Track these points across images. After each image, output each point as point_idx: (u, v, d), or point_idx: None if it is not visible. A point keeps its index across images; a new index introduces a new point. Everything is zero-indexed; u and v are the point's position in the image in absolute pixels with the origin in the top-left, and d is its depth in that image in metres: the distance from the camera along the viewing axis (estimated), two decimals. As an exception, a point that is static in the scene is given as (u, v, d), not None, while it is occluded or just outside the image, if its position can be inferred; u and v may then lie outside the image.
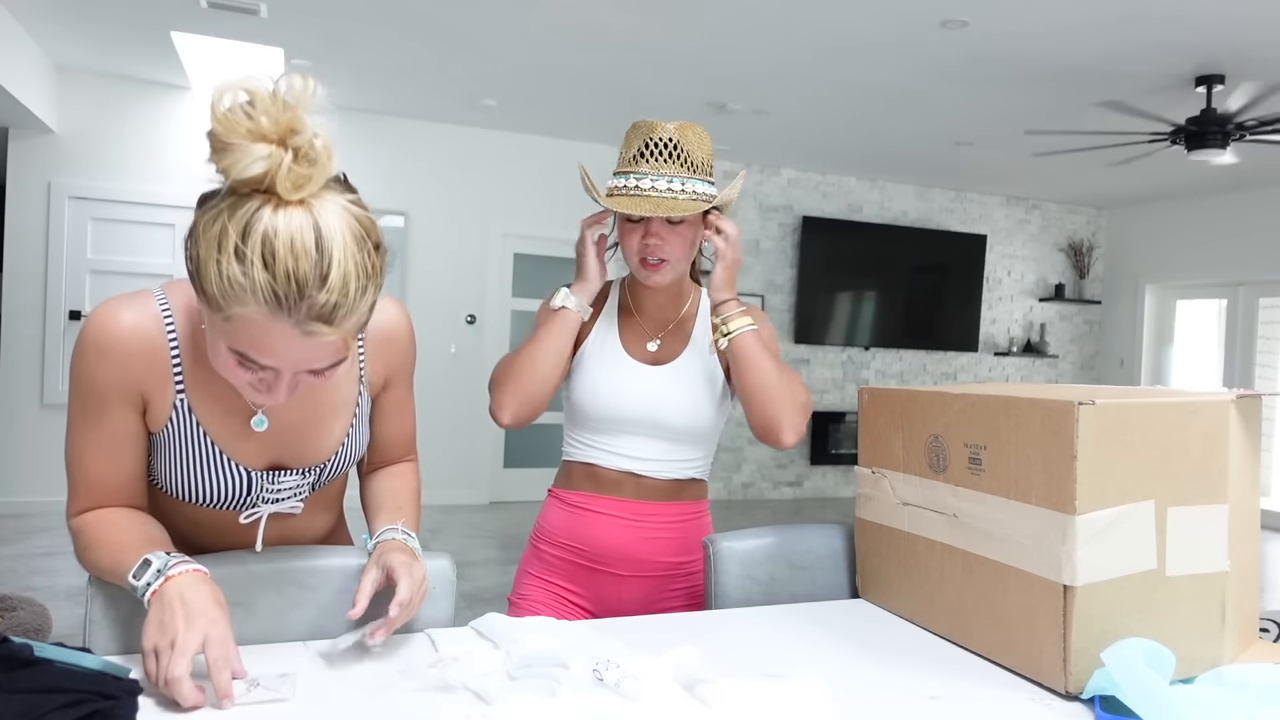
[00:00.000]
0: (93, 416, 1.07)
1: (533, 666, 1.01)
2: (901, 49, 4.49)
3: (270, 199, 0.89)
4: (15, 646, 0.82)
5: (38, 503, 5.60)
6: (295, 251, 0.88)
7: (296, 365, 0.96)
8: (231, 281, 0.88)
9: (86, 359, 1.05)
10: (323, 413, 1.17)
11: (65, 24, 4.74)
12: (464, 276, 6.63)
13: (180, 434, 1.10)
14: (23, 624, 2.07)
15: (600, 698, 0.92)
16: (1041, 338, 8.41)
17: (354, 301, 0.93)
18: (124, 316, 1.05)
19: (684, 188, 1.47)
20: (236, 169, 0.87)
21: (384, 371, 1.24)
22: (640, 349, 1.60)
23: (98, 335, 1.04)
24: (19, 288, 5.63)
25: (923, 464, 1.26)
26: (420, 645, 1.13)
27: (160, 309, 1.07)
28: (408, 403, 1.32)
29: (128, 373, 1.05)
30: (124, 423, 1.08)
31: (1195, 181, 7.15)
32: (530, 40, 4.62)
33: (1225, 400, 1.11)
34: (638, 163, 1.48)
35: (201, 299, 0.93)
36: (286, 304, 0.89)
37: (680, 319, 1.63)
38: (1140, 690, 0.94)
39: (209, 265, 0.89)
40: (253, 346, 0.93)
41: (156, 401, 1.08)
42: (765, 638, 1.23)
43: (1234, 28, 3.99)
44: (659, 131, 1.49)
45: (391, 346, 1.23)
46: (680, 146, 1.48)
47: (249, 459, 1.14)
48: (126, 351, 1.05)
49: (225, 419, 1.11)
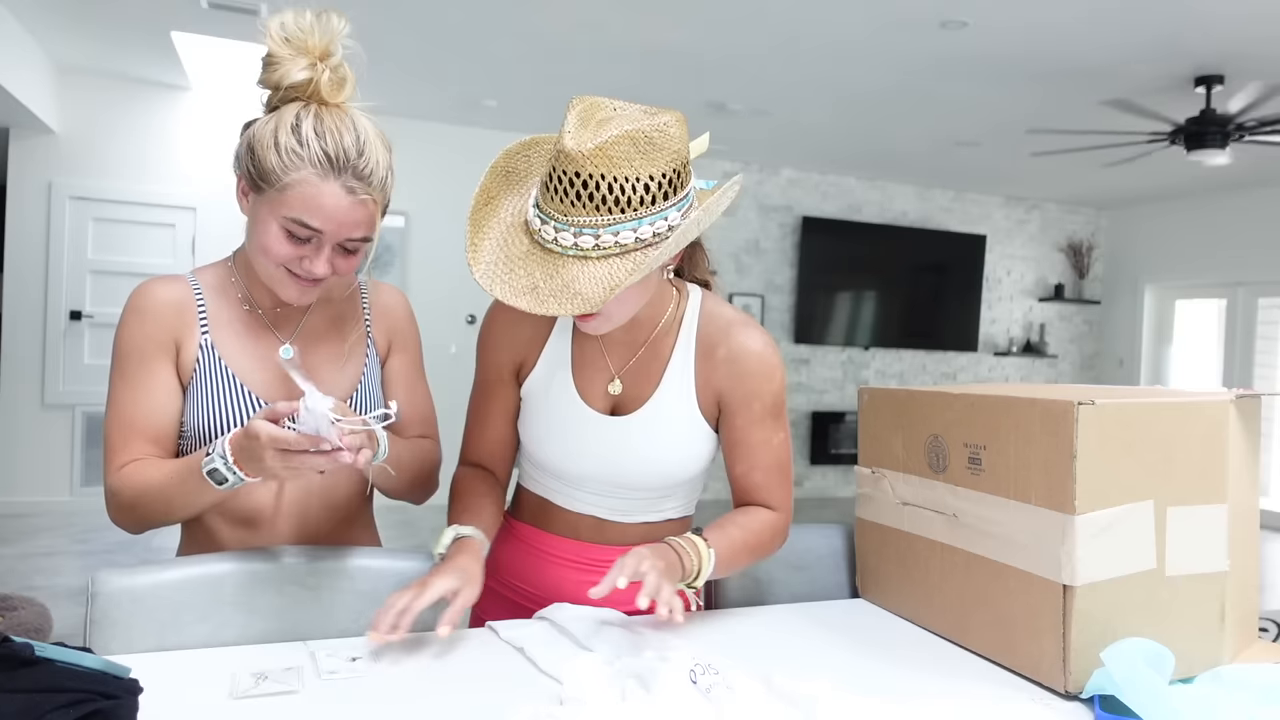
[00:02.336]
0: (132, 374, 1.20)
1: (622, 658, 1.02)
2: (901, 49, 4.49)
3: (311, 104, 1.14)
4: (16, 646, 0.82)
5: (38, 503, 5.60)
6: (340, 130, 1.14)
7: (339, 230, 1.14)
8: (291, 151, 1.11)
9: (127, 322, 1.21)
10: (333, 354, 1.29)
11: (65, 24, 4.74)
12: (464, 276, 6.58)
13: (206, 372, 1.22)
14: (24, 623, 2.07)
15: (682, 701, 0.92)
16: (1041, 338, 8.42)
17: (385, 174, 1.19)
18: (155, 283, 1.24)
19: (598, 240, 1.02)
20: (288, 77, 1.12)
21: (386, 334, 1.36)
22: (598, 390, 1.24)
23: (136, 300, 1.22)
24: (19, 288, 5.63)
25: (922, 464, 1.26)
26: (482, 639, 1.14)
27: (187, 277, 1.27)
28: (418, 381, 1.39)
29: (161, 324, 1.21)
30: (160, 375, 1.21)
31: (1195, 181, 7.15)
32: (530, 40, 4.62)
33: (1225, 400, 1.11)
34: (546, 195, 1.05)
35: (256, 183, 1.14)
36: (336, 165, 1.12)
37: (653, 340, 1.25)
38: (1140, 690, 0.94)
39: (268, 144, 1.12)
40: (305, 209, 1.12)
41: (187, 344, 1.22)
42: (765, 638, 1.23)
43: (1234, 28, 3.99)
44: (563, 162, 1.02)
45: (391, 313, 1.37)
46: (597, 179, 1.01)
47: (271, 395, 1.23)
48: (159, 303, 1.21)
49: (246, 355, 1.24)
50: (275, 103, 1.16)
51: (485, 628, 1.20)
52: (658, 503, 1.30)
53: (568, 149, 1.02)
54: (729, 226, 7.36)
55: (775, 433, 1.27)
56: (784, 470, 1.28)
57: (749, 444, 1.26)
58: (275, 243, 1.14)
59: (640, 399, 1.24)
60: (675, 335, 1.25)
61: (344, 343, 1.31)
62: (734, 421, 1.25)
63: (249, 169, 1.15)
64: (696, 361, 1.24)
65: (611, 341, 1.25)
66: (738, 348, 1.24)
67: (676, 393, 1.24)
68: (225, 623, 1.14)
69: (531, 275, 1.04)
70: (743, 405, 1.24)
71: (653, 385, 1.24)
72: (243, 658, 1.07)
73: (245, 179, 1.16)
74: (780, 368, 1.26)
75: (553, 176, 1.04)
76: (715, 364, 1.24)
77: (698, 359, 1.24)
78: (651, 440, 1.24)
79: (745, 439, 1.26)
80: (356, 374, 1.30)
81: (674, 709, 0.91)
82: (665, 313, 1.25)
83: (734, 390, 1.24)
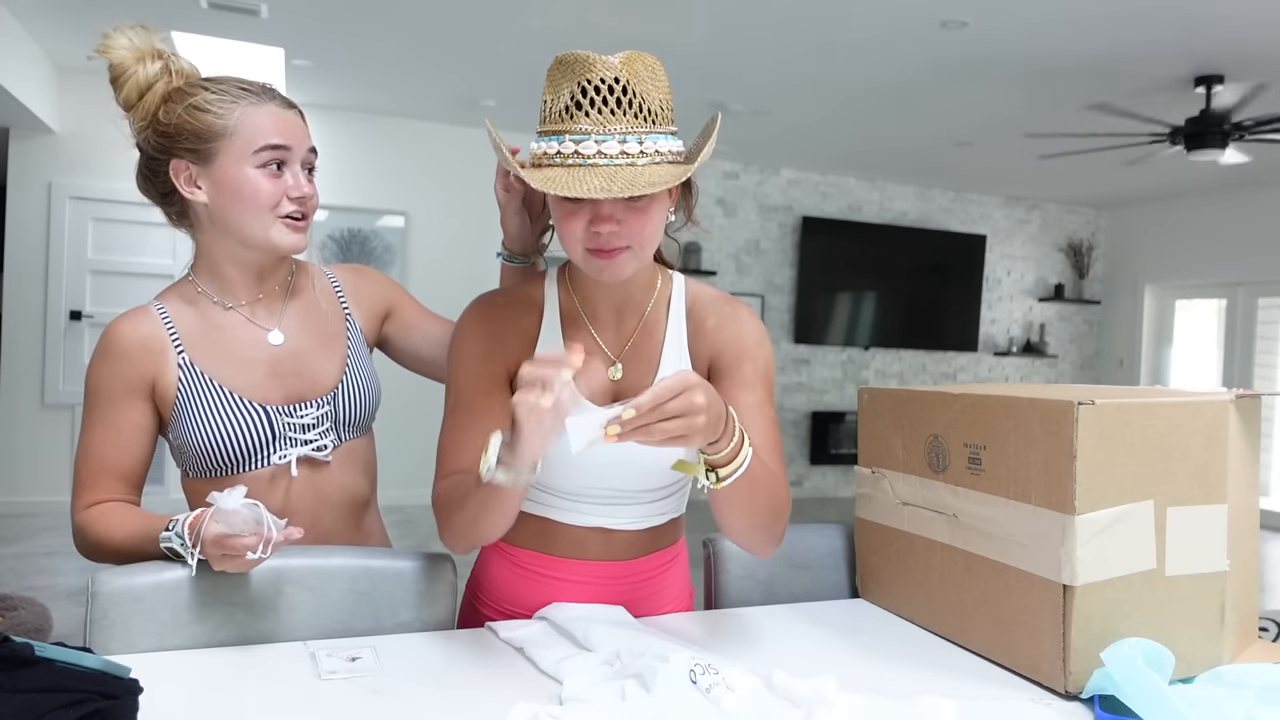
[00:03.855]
0: (102, 414, 1.20)
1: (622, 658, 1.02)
2: (901, 49, 4.49)
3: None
4: (16, 646, 0.82)
5: (39, 503, 5.60)
6: (220, 76, 1.23)
7: (299, 141, 1.22)
8: (216, 103, 1.18)
9: (95, 365, 1.21)
10: (318, 337, 1.31)
11: (65, 24, 4.74)
12: (464, 276, 6.62)
13: (192, 390, 1.22)
14: (24, 623, 2.06)
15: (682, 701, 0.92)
16: (1041, 338, 8.42)
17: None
18: (121, 322, 1.23)
19: (642, 148, 1.05)
20: (145, 74, 1.21)
21: (370, 310, 1.39)
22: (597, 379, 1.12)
23: (104, 342, 1.21)
24: (19, 288, 5.63)
25: (922, 464, 1.26)
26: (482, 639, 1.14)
27: (154, 305, 1.26)
28: (428, 313, 1.44)
29: (131, 364, 1.20)
30: (131, 415, 1.21)
31: (1195, 181, 7.15)
32: (530, 41, 4.62)
33: (1225, 400, 1.11)
34: (573, 116, 1.05)
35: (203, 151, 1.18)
36: (255, 90, 1.21)
37: (644, 323, 1.22)
38: (1140, 690, 0.94)
39: (189, 113, 1.18)
40: (265, 132, 1.19)
41: (164, 374, 1.22)
42: (765, 638, 1.23)
43: (1234, 28, 3.99)
44: (599, 69, 1.05)
45: (366, 289, 1.40)
46: (632, 88, 1.05)
47: (261, 394, 1.25)
48: (126, 344, 1.20)
49: (229, 360, 1.25)
50: (146, 117, 1.22)
51: (485, 628, 1.20)
52: (659, 503, 1.27)
53: (599, 58, 1.05)
54: (729, 226, 7.36)
55: (766, 403, 1.21)
56: (778, 445, 1.20)
57: (742, 409, 1.17)
58: (258, 186, 1.19)
59: (642, 384, 1.19)
60: (665, 315, 1.24)
61: (326, 329, 1.32)
62: (724, 385, 1.20)
63: (185, 145, 1.19)
64: (689, 336, 1.24)
65: (604, 329, 1.22)
66: (728, 315, 1.24)
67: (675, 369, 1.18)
68: (225, 623, 1.14)
69: (585, 183, 1.02)
70: (734, 366, 1.22)
71: (652, 368, 1.21)
72: (243, 658, 1.07)
73: (187, 158, 1.20)
74: (767, 339, 1.26)
75: (584, 93, 1.04)
76: (706, 333, 1.24)
77: (690, 334, 1.24)
78: None
79: (739, 403, 1.18)
80: (342, 360, 1.32)
81: (674, 709, 0.91)
82: (653, 295, 1.24)
83: (725, 352, 1.22)
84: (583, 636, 1.10)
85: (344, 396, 1.30)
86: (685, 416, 0.93)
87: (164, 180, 1.23)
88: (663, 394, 0.92)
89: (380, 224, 6.44)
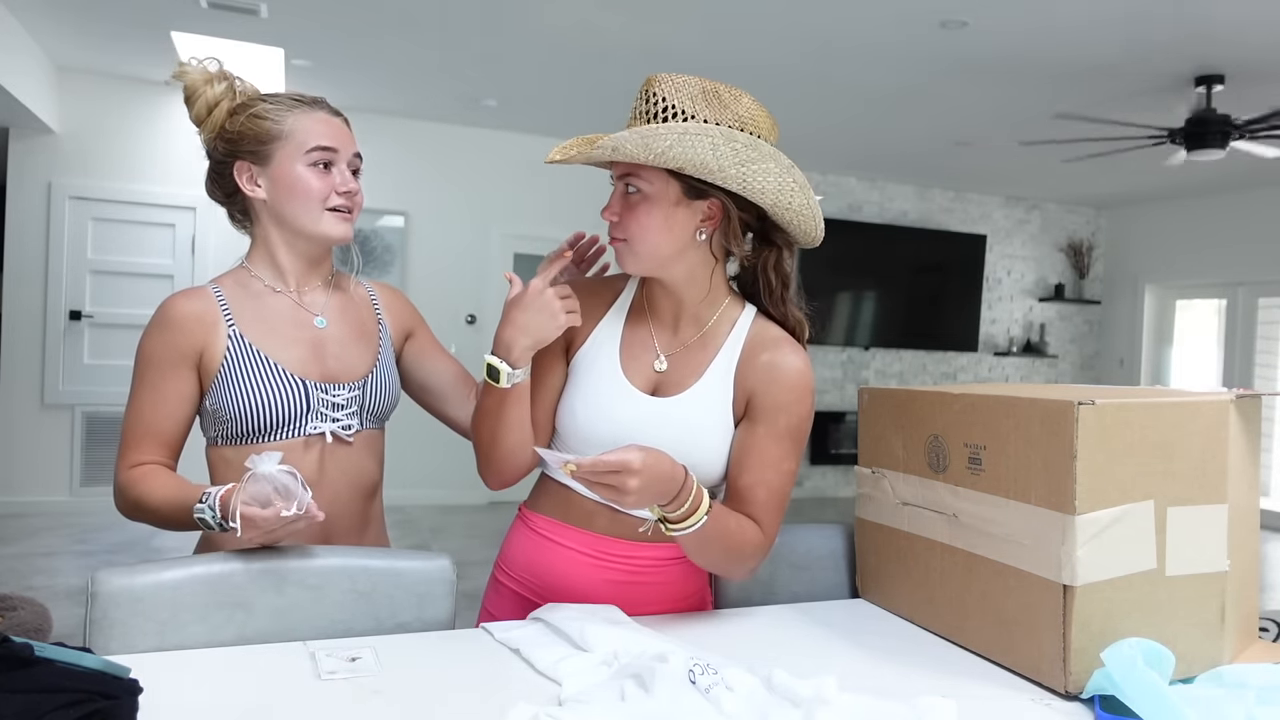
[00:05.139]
0: (151, 381, 1.30)
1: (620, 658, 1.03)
2: (901, 49, 4.49)
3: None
4: (16, 646, 0.82)
5: (38, 502, 5.60)
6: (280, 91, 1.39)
7: (346, 145, 1.37)
8: (272, 112, 1.34)
9: (149, 335, 1.31)
10: (355, 330, 1.43)
11: (65, 24, 4.74)
12: (464, 276, 6.63)
13: (238, 359, 1.32)
14: (23, 624, 2.07)
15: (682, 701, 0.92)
16: (1041, 338, 8.41)
17: None
18: (177, 297, 1.34)
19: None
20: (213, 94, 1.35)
21: (399, 326, 1.51)
22: (643, 368, 1.28)
23: (160, 314, 1.32)
24: (19, 288, 5.63)
25: (922, 464, 1.26)
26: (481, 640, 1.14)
27: (209, 286, 1.38)
28: (442, 348, 1.57)
29: (183, 335, 1.30)
30: (178, 384, 1.30)
31: (1195, 181, 7.14)
32: (530, 41, 4.62)
33: (1225, 400, 1.11)
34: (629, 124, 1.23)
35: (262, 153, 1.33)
36: (306, 102, 1.36)
37: (703, 335, 1.29)
38: (1140, 690, 0.94)
39: (250, 121, 1.34)
40: (317, 135, 1.34)
41: (213, 344, 1.32)
42: (765, 638, 1.23)
43: (1234, 28, 3.99)
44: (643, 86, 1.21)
45: (399, 307, 1.53)
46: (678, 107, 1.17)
47: (302, 369, 1.35)
48: (182, 316, 1.31)
49: (276, 336, 1.36)
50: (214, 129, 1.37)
51: (480, 629, 1.20)
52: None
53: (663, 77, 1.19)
54: (729, 226, 7.35)
55: (789, 458, 1.24)
56: (784, 499, 1.25)
57: (763, 458, 1.22)
58: (309, 182, 1.33)
59: (682, 385, 1.27)
60: (725, 336, 1.29)
61: (362, 325, 1.45)
62: (755, 429, 1.24)
63: (247, 148, 1.34)
64: (740, 363, 1.27)
65: (661, 326, 1.31)
66: (781, 359, 1.26)
67: (717, 387, 1.26)
68: (225, 623, 1.14)
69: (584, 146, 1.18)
70: (769, 414, 1.23)
71: (695, 375, 1.27)
72: (243, 658, 1.07)
73: (248, 159, 1.34)
74: (812, 393, 1.27)
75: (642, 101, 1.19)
76: (755, 367, 1.25)
77: (741, 361, 1.27)
78: (687, 425, 1.24)
79: (761, 451, 1.23)
80: (373, 355, 1.43)
81: (673, 709, 0.91)
82: (717, 313, 1.30)
83: (765, 395, 1.24)
84: (579, 637, 1.10)
85: (373, 386, 1.40)
86: (613, 489, 1.04)
87: (229, 181, 1.38)
88: (599, 465, 1.03)
89: (380, 224, 6.44)
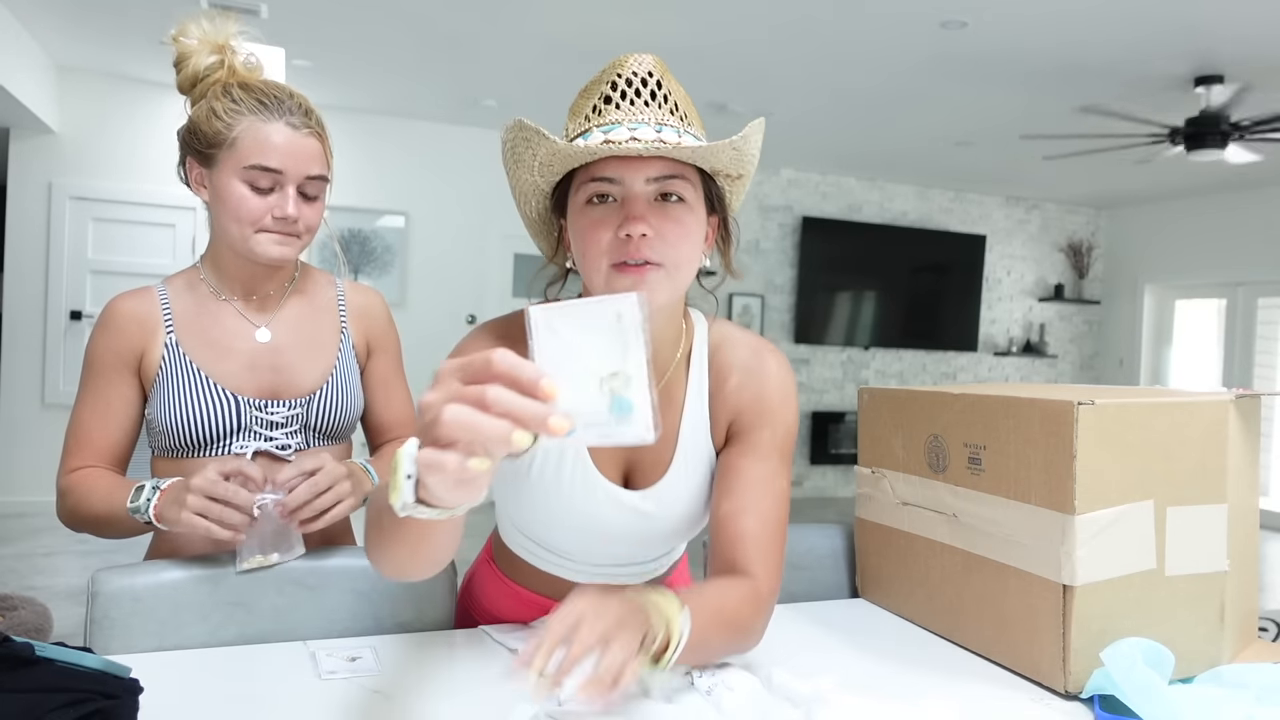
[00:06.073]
0: (93, 386, 1.26)
1: None
2: (901, 49, 4.49)
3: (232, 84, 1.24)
4: (16, 646, 0.82)
5: (39, 502, 5.59)
6: (264, 85, 1.24)
7: (296, 166, 1.22)
8: (228, 110, 1.20)
9: (94, 335, 1.27)
10: (307, 342, 1.33)
11: (65, 24, 4.74)
12: (464, 276, 6.63)
13: (172, 370, 1.26)
14: (24, 623, 2.06)
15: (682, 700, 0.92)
16: (1041, 338, 8.42)
17: (317, 113, 1.27)
18: (120, 298, 1.29)
19: (680, 140, 0.97)
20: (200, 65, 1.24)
21: (364, 336, 1.40)
22: (612, 450, 1.07)
23: (102, 316, 1.27)
24: (19, 288, 5.63)
25: (922, 464, 1.26)
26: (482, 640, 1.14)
27: (156, 286, 1.31)
28: (396, 384, 1.43)
29: (122, 337, 1.25)
30: (120, 388, 1.26)
31: (1194, 181, 7.15)
32: (530, 41, 4.62)
33: (1224, 400, 1.11)
34: (602, 113, 0.98)
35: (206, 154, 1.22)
36: (272, 107, 1.21)
37: (664, 387, 1.09)
38: (1139, 690, 0.94)
39: (207, 116, 1.21)
40: (260, 152, 1.20)
41: (151, 350, 1.27)
42: (765, 638, 1.23)
43: (1234, 28, 3.99)
44: (630, 64, 0.99)
45: (369, 315, 1.41)
46: (666, 85, 0.99)
47: (237, 384, 1.28)
48: (121, 318, 1.26)
49: (214, 348, 1.28)
50: (198, 98, 1.26)
51: (480, 629, 1.20)
52: (663, 558, 1.23)
53: (631, 55, 1.00)
54: (729, 226, 7.36)
55: (778, 476, 1.09)
56: (780, 527, 1.07)
57: (746, 478, 1.07)
58: (243, 201, 1.21)
59: (660, 462, 1.09)
60: (685, 376, 1.11)
61: (317, 337, 1.35)
62: (738, 450, 1.09)
63: (196, 146, 1.24)
64: (710, 395, 1.12)
65: None
66: (752, 372, 1.12)
67: (696, 445, 1.11)
68: (225, 623, 1.15)
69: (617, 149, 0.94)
70: (750, 432, 1.10)
71: (670, 445, 1.09)
72: (243, 657, 1.07)
73: (195, 158, 1.25)
74: (793, 397, 1.13)
75: (614, 87, 0.98)
76: (727, 395, 1.12)
77: (711, 392, 1.12)
78: (678, 507, 1.11)
79: (744, 471, 1.07)
80: (328, 366, 1.34)
81: (674, 709, 0.91)
82: (676, 354, 1.11)
83: (745, 413, 1.11)
84: None
85: (320, 403, 1.31)
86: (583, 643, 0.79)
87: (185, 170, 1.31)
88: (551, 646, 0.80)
89: (380, 224, 6.44)
